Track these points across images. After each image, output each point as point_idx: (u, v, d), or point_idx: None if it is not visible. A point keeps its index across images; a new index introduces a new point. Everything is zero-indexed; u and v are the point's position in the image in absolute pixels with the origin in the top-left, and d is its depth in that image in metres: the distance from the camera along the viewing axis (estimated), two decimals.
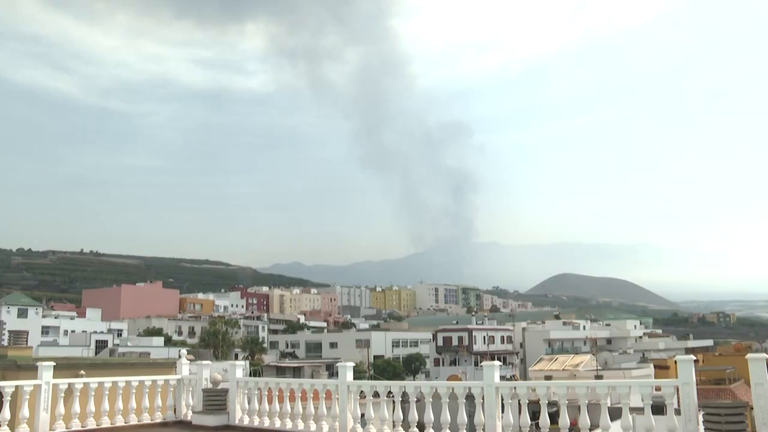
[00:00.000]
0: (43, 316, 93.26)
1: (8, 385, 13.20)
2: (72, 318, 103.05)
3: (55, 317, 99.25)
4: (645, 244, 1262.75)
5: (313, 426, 14.03)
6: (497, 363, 12.30)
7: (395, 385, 13.40)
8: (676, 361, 10.73)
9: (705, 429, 9.78)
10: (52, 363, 14.19)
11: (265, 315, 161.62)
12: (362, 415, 13.70)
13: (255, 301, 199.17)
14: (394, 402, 13.17)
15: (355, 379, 14.06)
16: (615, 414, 11.33)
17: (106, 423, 14.54)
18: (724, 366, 55.20)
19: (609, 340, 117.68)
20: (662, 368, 59.08)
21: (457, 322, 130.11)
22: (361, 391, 13.89)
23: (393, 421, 13.17)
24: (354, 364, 14.99)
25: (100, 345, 78.17)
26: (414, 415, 13.05)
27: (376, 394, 13.94)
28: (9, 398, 13.08)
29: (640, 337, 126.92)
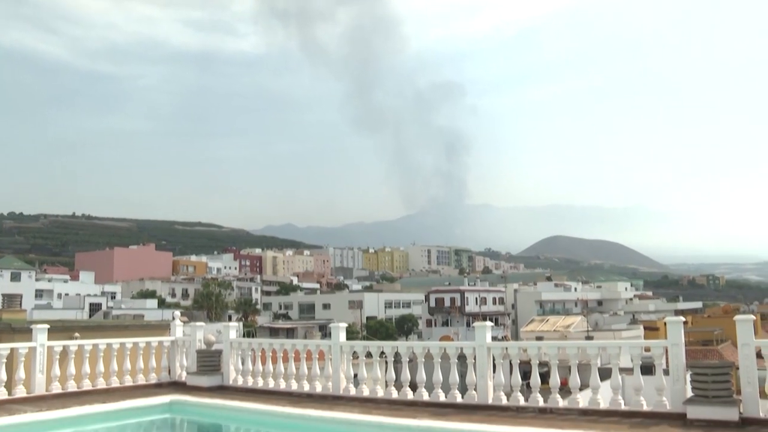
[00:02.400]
0: (37, 280, 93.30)
1: (4, 348, 13.27)
2: (65, 281, 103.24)
3: (49, 281, 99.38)
4: (637, 206, 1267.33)
5: (306, 386, 14.18)
6: (489, 324, 12.44)
7: (388, 346, 13.55)
8: (665, 323, 10.88)
9: (692, 388, 9.96)
10: (47, 326, 14.25)
11: (258, 277, 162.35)
12: (355, 375, 13.87)
13: (248, 263, 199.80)
14: (386, 362, 13.33)
15: (347, 340, 14.19)
16: (605, 374, 11.51)
17: (101, 384, 14.65)
18: (712, 327, 55.88)
19: (600, 302, 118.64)
20: (652, 329, 59.64)
21: (449, 284, 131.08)
22: (354, 352, 14.03)
23: (386, 381, 13.35)
24: (347, 325, 15.11)
25: (94, 308, 78.42)
26: (406, 375, 13.21)
27: (368, 355, 14.08)
28: (5, 360, 13.15)
29: (631, 299, 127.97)
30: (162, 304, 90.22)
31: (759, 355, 9.72)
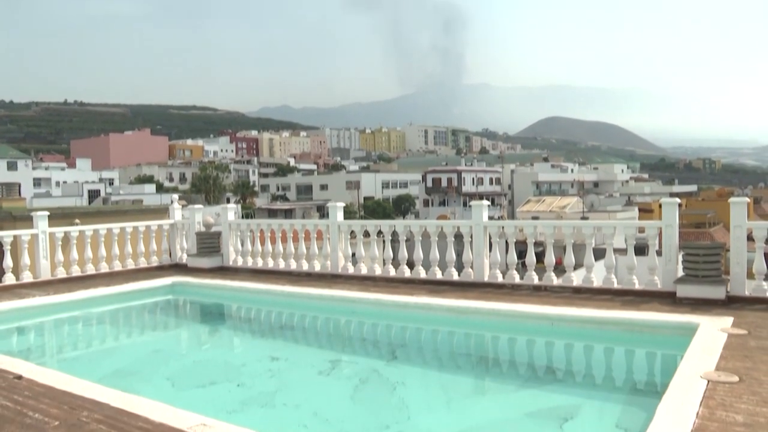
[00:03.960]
0: (33, 168, 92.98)
1: (7, 235, 13.41)
2: (62, 169, 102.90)
3: (46, 169, 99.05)
4: (636, 88, 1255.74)
5: (305, 265, 14.44)
6: (486, 202, 12.47)
7: (385, 225, 13.65)
8: (660, 205, 10.95)
9: (683, 268, 10.17)
10: (47, 212, 14.35)
11: (255, 159, 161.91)
12: (353, 254, 14.09)
13: (244, 146, 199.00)
14: (384, 241, 13.49)
15: (345, 219, 14.32)
16: (599, 255, 11.70)
17: (104, 268, 14.91)
18: (706, 210, 56.44)
19: (596, 184, 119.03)
20: (646, 212, 60.26)
21: (446, 164, 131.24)
22: (352, 231, 14.19)
23: (383, 260, 13.56)
24: (344, 205, 15.17)
25: (93, 194, 78.69)
26: (404, 253, 13.42)
27: (366, 234, 14.24)
28: (9, 247, 13.33)
29: (627, 181, 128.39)
30: (160, 188, 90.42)
31: (749, 238, 9.87)
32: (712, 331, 7.82)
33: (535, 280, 11.67)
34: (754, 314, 8.85)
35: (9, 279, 13.32)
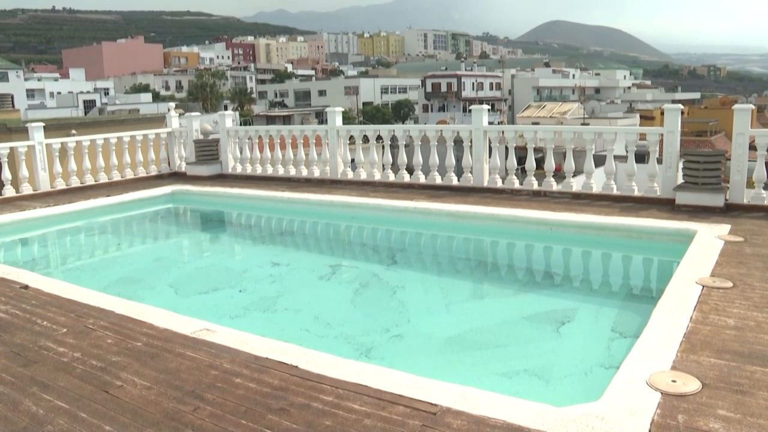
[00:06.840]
0: (26, 79, 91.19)
1: (3, 147, 13.29)
2: (55, 80, 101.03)
3: (38, 80, 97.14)
4: None
5: (304, 171, 14.43)
6: (486, 107, 12.33)
7: (384, 130, 13.56)
8: (662, 111, 10.78)
9: (683, 175, 10.14)
10: (42, 123, 14.21)
11: (252, 65, 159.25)
12: (352, 160, 14.05)
13: (241, 52, 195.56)
14: (383, 146, 13.43)
15: (344, 125, 14.20)
16: (599, 161, 11.64)
17: (103, 179, 14.89)
18: (708, 119, 55.78)
19: (597, 90, 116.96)
20: (648, 119, 59.61)
21: (446, 68, 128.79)
22: (351, 136, 14.10)
23: (382, 165, 13.55)
24: (343, 110, 15.03)
25: (88, 105, 77.66)
26: (403, 158, 13.37)
27: (365, 139, 14.15)
28: (6, 160, 13.25)
29: (629, 88, 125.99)
30: (156, 97, 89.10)
31: (751, 147, 9.79)
32: (709, 238, 7.88)
33: (535, 186, 11.67)
34: (751, 222, 8.90)
35: (9, 191, 13.31)
